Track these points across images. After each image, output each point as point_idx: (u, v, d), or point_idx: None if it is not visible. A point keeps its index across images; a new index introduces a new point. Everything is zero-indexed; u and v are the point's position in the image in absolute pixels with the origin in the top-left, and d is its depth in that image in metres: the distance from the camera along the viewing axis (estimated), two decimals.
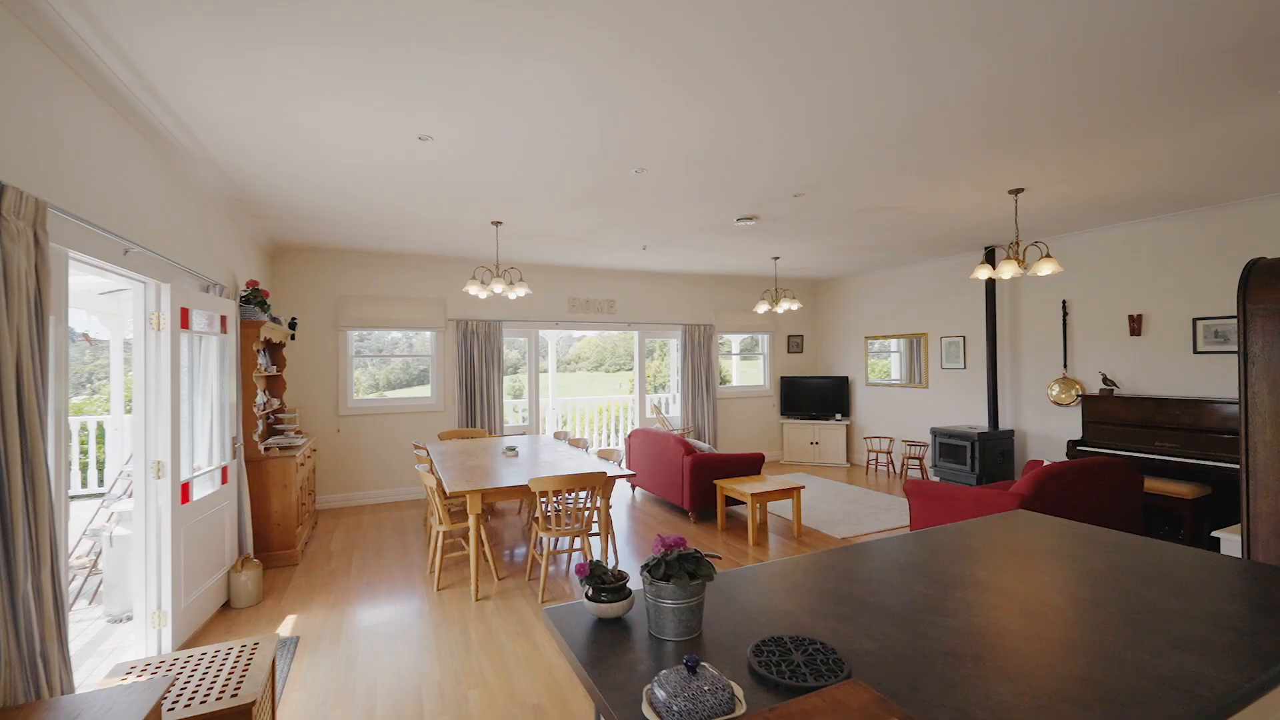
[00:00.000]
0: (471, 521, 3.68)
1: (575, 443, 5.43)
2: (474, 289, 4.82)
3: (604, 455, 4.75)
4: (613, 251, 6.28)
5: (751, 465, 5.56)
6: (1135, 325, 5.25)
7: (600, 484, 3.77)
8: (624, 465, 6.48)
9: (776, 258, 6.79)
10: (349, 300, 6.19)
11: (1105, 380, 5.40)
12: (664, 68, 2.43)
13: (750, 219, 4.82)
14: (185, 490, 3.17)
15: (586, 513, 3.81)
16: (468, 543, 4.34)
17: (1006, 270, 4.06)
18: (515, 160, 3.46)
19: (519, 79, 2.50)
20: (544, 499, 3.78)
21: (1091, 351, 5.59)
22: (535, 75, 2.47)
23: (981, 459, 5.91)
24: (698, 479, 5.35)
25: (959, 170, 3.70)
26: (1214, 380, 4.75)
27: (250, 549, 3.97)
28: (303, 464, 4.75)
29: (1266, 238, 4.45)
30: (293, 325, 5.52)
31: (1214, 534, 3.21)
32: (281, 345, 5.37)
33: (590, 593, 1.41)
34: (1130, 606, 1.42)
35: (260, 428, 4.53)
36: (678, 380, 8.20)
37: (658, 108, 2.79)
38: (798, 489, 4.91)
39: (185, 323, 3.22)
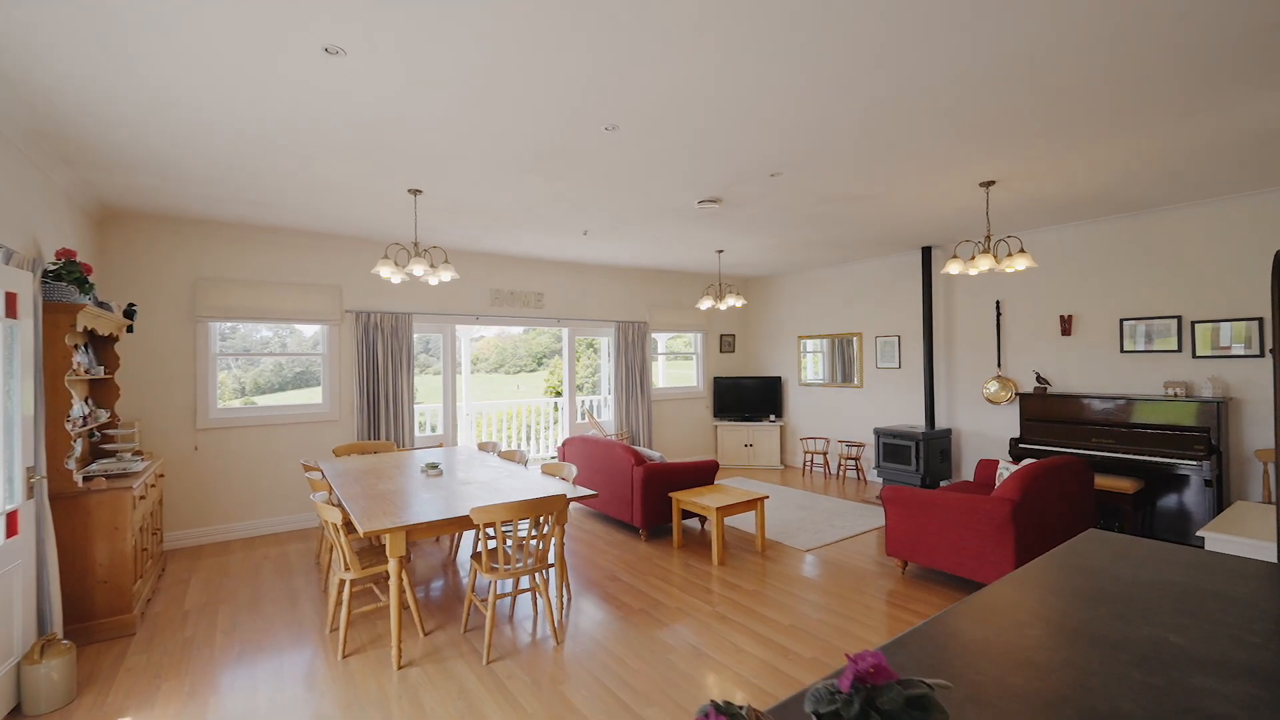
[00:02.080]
0: (393, 567, 2.84)
1: (508, 455, 4.65)
2: (386, 271, 3.91)
3: (549, 470, 4.04)
4: (547, 237, 5.55)
5: (705, 474, 5.09)
6: (1066, 325, 5.42)
7: (559, 509, 3.08)
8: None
9: (721, 251, 6.40)
10: (212, 284, 4.94)
11: (1039, 379, 5.53)
12: None
13: (713, 202, 4.34)
14: None
15: (540, 545, 3.10)
16: (383, 592, 3.45)
17: (983, 263, 3.89)
18: (457, 101, 2.69)
19: None
20: (487, 531, 3.02)
21: (1025, 351, 5.73)
22: None
23: (925, 459, 5.87)
24: (650, 492, 4.78)
25: (954, 152, 3.43)
26: (1140, 378, 4.97)
27: (58, 625, 2.82)
28: (143, 496, 3.58)
29: (1187, 243, 4.69)
30: (130, 313, 4.24)
31: (1200, 534, 3.16)
32: (113, 339, 4.10)
33: None
34: None
35: (78, 449, 3.34)
36: (609, 382, 7.59)
37: (653, 40, 2.19)
38: (761, 499, 4.49)
39: None
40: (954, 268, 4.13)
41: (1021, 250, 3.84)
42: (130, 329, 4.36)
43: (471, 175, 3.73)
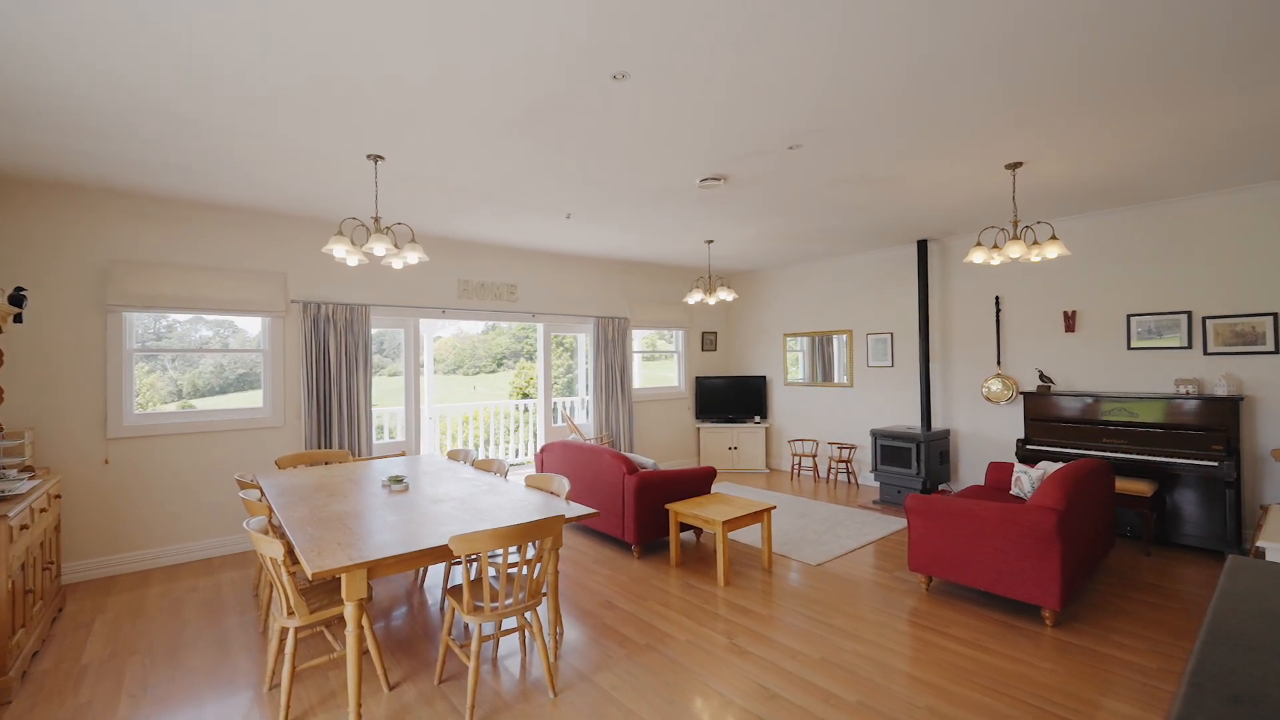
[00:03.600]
0: (350, 613, 2.27)
1: (483, 465, 4.09)
2: (340, 250, 3.30)
3: (535, 484, 3.51)
4: (525, 220, 5.00)
5: (702, 483, 4.64)
6: (1070, 322, 5.22)
7: (555, 533, 2.57)
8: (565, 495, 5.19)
9: (710, 241, 5.97)
10: (127, 267, 4.19)
11: (1042, 377, 5.32)
12: None
13: (717, 180, 3.89)
14: None
15: (532, 575, 2.57)
16: (337, 638, 2.85)
17: (1013, 250, 3.58)
18: (433, 31, 2.15)
19: None
20: (470, 561, 2.48)
21: (1026, 348, 5.51)
22: None
23: (926, 462, 5.59)
24: (644, 504, 4.30)
25: (989, 126, 3.08)
26: (1148, 376, 4.79)
27: None
28: (26, 525, 2.87)
29: (1197, 235, 4.52)
30: (18, 300, 3.48)
31: (1259, 544, 2.91)
32: None
33: None
34: None
35: None
36: (588, 381, 7.07)
37: None
38: (768, 510, 4.08)
39: None
40: (978, 256, 3.81)
41: (1053, 237, 3.54)
42: (19, 319, 3.59)
43: (445, 137, 3.16)
